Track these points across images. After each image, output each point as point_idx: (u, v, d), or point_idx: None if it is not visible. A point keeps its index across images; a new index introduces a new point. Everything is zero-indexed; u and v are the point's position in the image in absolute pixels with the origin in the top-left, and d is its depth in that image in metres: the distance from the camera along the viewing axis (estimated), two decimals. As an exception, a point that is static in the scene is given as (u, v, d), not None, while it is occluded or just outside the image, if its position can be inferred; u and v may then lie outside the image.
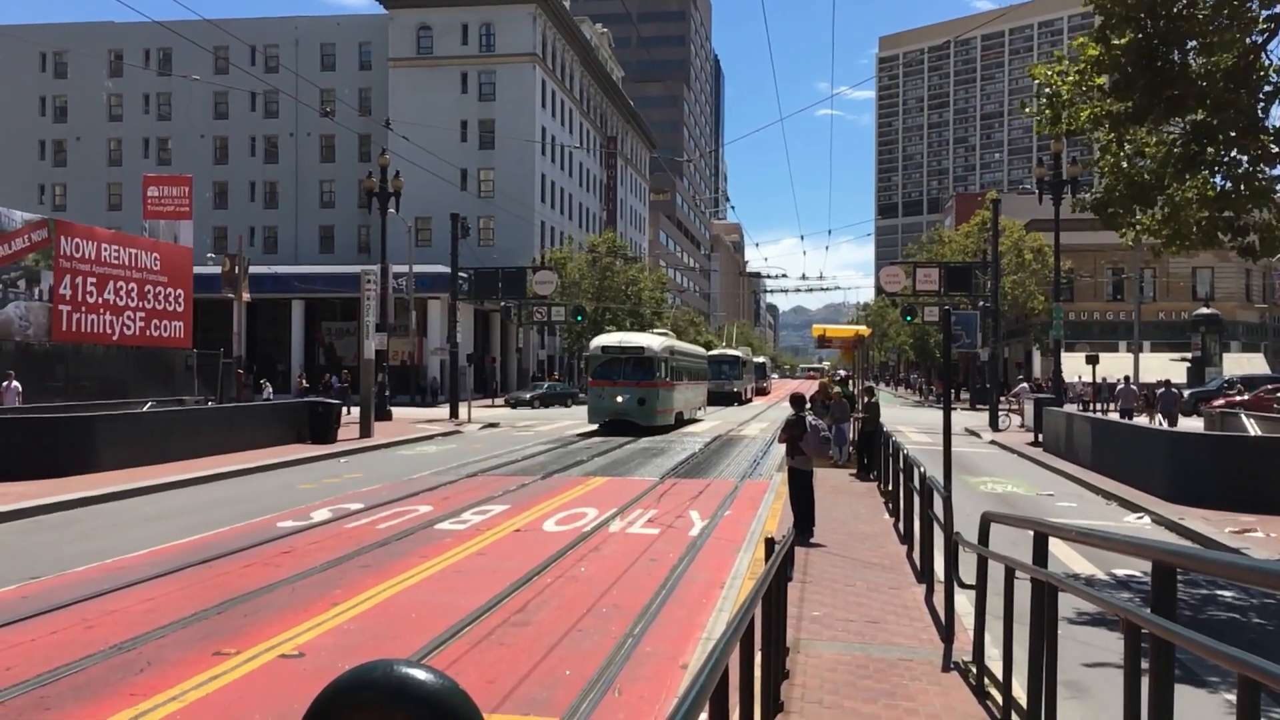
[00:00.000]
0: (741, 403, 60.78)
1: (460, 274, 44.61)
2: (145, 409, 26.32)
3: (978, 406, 51.71)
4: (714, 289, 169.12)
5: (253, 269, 43.09)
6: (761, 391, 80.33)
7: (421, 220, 66.47)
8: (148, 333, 33.69)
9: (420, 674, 1.09)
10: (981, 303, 43.59)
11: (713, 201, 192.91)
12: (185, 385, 34.70)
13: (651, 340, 35.07)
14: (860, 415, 21.70)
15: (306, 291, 57.82)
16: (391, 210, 37.24)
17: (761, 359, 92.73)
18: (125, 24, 73.05)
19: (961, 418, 39.82)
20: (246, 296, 38.07)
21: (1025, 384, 46.45)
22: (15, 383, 24.84)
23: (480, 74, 73.86)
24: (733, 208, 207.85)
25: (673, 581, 10.71)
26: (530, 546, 12.70)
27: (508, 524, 14.45)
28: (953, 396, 11.12)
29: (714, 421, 41.25)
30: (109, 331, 32.16)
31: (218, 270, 40.69)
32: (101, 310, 32.16)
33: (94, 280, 31.97)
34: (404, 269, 43.81)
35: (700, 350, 49.03)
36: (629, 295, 68.81)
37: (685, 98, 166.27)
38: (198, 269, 38.74)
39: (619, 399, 32.72)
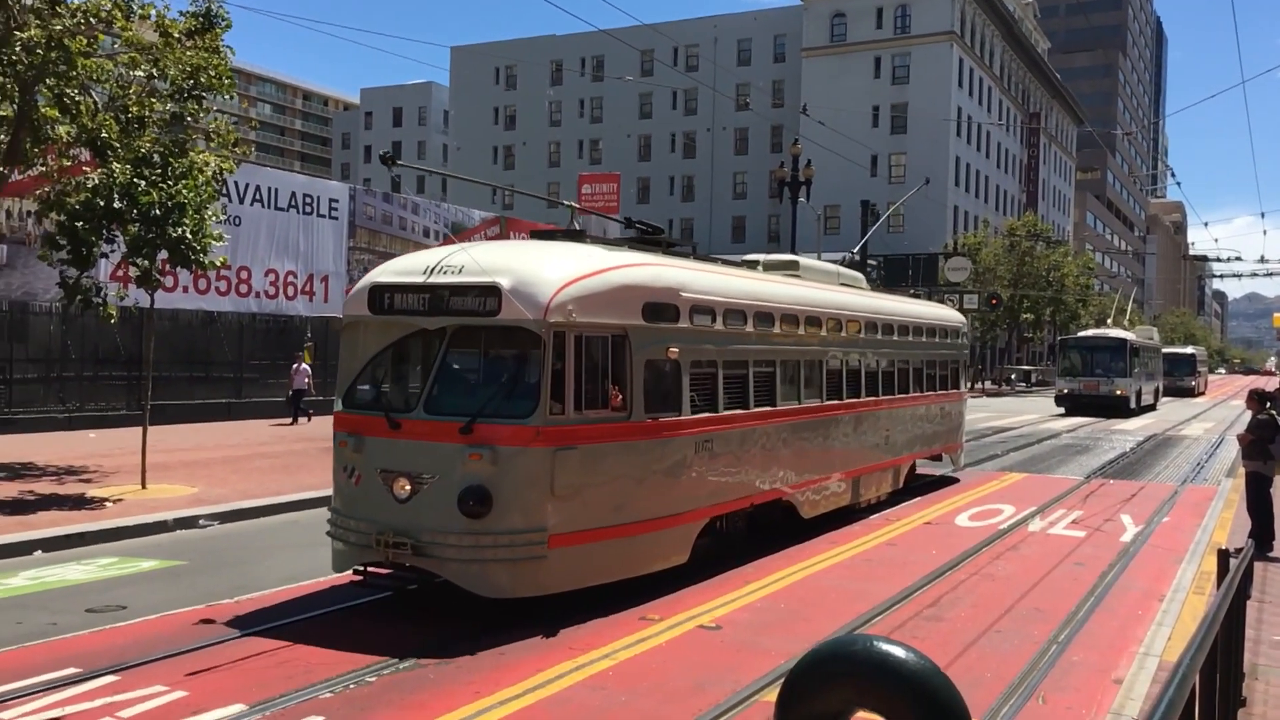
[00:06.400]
0: (1129, 411, 39.11)
1: (869, 261, 44.20)
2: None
3: None
4: (1149, 275, 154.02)
5: (672, 258, 45.53)
6: (1182, 391, 59.09)
7: (830, 208, 66.48)
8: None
9: (900, 652, 1.06)
10: None
11: (1150, 178, 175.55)
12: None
13: (541, 269, 8.49)
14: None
15: (720, 280, 60.13)
16: (801, 199, 37.63)
17: (1191, 349, 69.59)
18: (564, 36, 79.90)
19: None
20: (666, 285, 40.23)
21: None
22: (305, 365, 25.15)
23: (894, 57, 72.51)
24: (1178, 183, 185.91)
25: (1102, 589, 9.93)
26: (941, 540, 12.33)
27: (917, 516, 14.13)
28: None
29: (1146, 420, 37.55)
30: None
31: (641, 260, 43.43)
32: (542, 297, 35.55)
33: (536, 270, 35.40)
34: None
35: (929, 313, 18.03)
36: (1050, 282, 64.42)
37: (1120, 66, 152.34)
38: (624, 259, 41.52)
39: (401, 487, 8.05)
